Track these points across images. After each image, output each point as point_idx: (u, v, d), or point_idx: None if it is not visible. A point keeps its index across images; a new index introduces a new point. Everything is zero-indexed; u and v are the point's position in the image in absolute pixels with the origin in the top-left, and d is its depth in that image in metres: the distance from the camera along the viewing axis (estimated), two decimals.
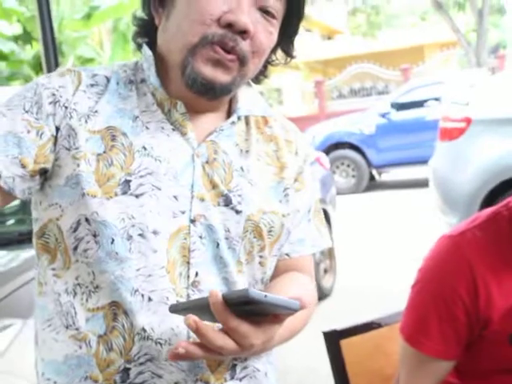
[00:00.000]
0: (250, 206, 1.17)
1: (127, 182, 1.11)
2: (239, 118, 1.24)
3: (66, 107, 1.14)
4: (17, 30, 10.61)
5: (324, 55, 26.67)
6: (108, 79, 1.20)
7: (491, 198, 4.23)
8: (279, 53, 1.28)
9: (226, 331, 0.99)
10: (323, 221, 1.35)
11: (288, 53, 1.28)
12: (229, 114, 1.24)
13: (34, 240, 1.19)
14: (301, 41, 1.28)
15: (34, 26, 9.32)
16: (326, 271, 5.31)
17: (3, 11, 9.69)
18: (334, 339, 1.70)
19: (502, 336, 1.34)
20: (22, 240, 2.89)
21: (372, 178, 11.40)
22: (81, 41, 9.90)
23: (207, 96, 1.15)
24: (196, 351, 0.99)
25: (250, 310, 0.97)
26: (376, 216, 8.61)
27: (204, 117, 1.21)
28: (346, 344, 1.70)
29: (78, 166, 1.11)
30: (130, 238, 1.10)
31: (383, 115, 11.12)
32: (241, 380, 1.18)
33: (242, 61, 1.13)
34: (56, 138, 1.13)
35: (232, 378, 1.16)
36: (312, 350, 4.00)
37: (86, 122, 1.14)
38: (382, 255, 6.45)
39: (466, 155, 4.74)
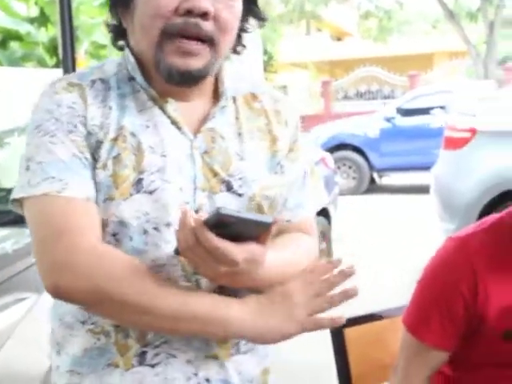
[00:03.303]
0: (252, 187, 1.23)
1: (140, 180, 1.17)
2: (227, 99, 1.28)
3: (85, 124, 1.18)
4: (33, 12, 10.67)
5: (332, 56, 26.72)
6: (105, 82, 1.23)
7: (490, 208, 4.35)
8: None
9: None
10: (319, 178, 1.42)
11: (259, 17, 1.30)
12: (215, 95, 1.28)
13: None
14: (311, 40, 1.34)
15: (52, 9, 9.37)
16: None
17: None
18: (338, 328, 1.81)
19: (497, 332, 1.45)
20: None
21: (372, 180, 11.51)
22: (96, 27, 9.96)
23: (186, 84, 1.21)
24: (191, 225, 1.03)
25: (230, 232, 1.03)
26: (373, 218, 8.72)
27: (193, 104, 1.25)
28: (349, 333, 1.80)
29: (98, 174, 1.16)
30: (145, 232, 1.16)
31: (388, 120, 11.22)
32: (245, 353, 1.26)
33: (211, 43, 1.17)
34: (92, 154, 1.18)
35: (238, 352, 1.24)
36: (312, 341, 4.12)
37: (105, 132, 1.18)
38: (377, 256, 6.56)
39: (468, 165, 4.85)
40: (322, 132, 11.66)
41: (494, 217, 1.53)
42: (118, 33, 1.27)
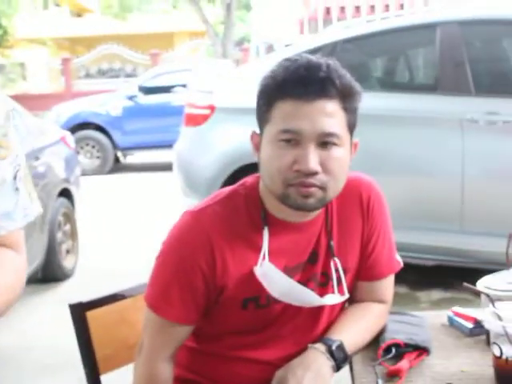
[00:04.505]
0: None
1: None
2: None
3: None
4: None
5: (73, 32, 25.98)
6: None
7: (230, 182, 4.47)
8: None
9: None
10: (32, 184, 1.24)
11: None
12: None
13: None
14: (49, 16, 1.20)
15: None
16: (68, 252, 5.25)
17: None
18: (79, 311, 1.73)
19: (236, 301, 1.48)
20: None
21: (117, 160, 11.41)
22: None
23: None
24: None
25: None
26: (120, 197, 8.65)
27: None
28: (91, 315, 1.73)
29: None
30: None
31: (130, 98, 11.16)
32: None
33: None
34: None
35: None
36: (55, 327, 3.98)
37: None
38: (124, 235, 6.52)
39: (208, 141, 4.95)
40: (64, 111, 11.27)
41: (227, 189, 1.55)
42: None
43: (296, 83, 1.38)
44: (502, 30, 4.55)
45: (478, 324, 1.60)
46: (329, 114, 1.38)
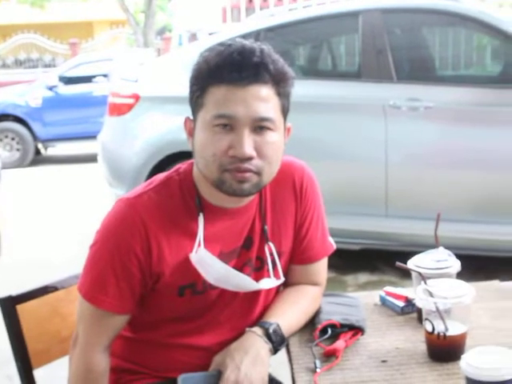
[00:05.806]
0: None
1: None
2: None
3: None
4: None
5: None
6: None
7: (157, 171, 4.43)
8: None
9: None
10: None
11: None
12: None
13: None
14: None
15: None
16: None
17: None
18: (9, 305, 1.69)
19: (173, 288, 1.47)
20: None
21: (38, 152, 11.13)
22: None
23: None
24: None
25: None
26: (42, 190, 8.45)
27: None
28: (22, 309, 1.69)
29: None
30: None
31: (50, 88, 10.88)
32: None
33: None
34: None
35: None
36: None
37: None
38: (48, 228, 6.38)
39: (133, 130, 4.88)
40: None
41: (162, 175, 1.53)
42: None
43: (230, 68, 1.37)
44: (423, 19, 4.67)
45: (408, 302, 1.64)
46: (263, 99, 1.38)
